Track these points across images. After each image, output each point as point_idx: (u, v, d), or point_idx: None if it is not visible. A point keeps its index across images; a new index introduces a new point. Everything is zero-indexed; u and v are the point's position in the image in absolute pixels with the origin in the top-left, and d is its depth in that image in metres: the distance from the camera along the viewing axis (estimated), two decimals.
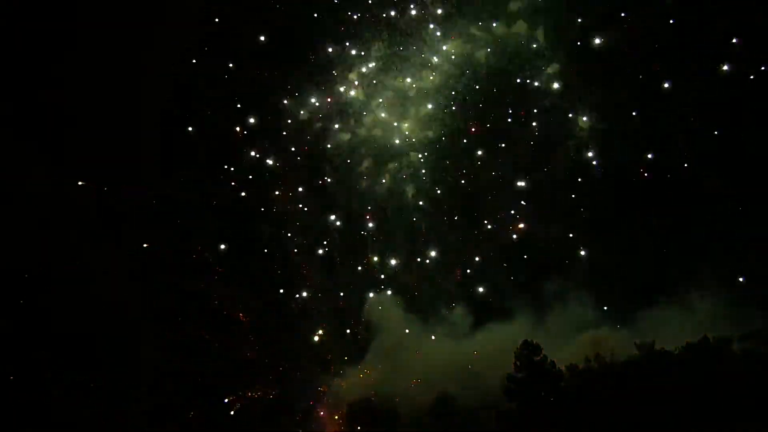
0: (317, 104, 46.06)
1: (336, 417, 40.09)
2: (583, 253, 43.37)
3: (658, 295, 39.65)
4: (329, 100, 46.07)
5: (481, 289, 43.99)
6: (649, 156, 43.26)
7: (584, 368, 32.89)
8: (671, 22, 43.04)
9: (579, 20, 44.31)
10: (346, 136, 45.97)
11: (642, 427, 29.35)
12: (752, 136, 40.85)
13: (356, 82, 46.17)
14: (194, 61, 45.30)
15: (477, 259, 44.82)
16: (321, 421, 40.40)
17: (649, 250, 42.17)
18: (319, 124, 46.07)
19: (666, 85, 43.20)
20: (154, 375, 39.20)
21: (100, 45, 42.21)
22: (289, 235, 45.09)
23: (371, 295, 44.04)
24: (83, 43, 42.25)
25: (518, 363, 32.36)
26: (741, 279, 39.70)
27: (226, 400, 40.47)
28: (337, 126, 46.04)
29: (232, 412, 40.19)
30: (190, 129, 45.00)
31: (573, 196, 44.23)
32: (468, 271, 44.80)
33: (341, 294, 44.75)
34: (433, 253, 45.04)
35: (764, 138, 40.52)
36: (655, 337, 33.29)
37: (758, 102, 41.05)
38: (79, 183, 42.22)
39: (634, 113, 43.54)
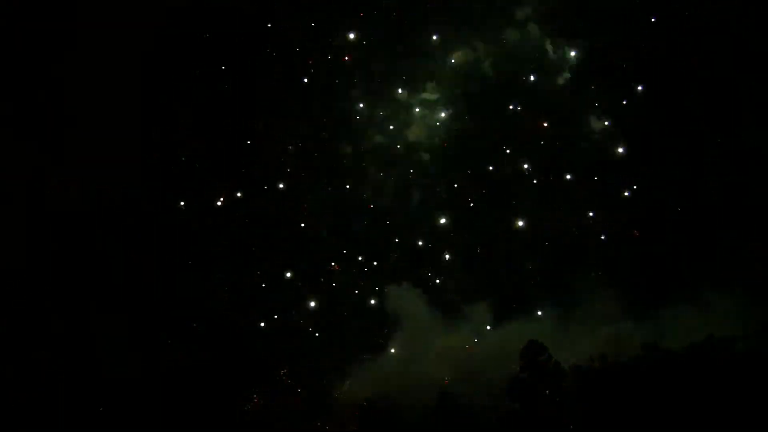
0: (320, 115, 46.09)
1: (350, 415, 39.72)
2: (598, 251, 43.12)
3: (674, 294, 38.94)
4: (332, 110, 46.18)
5: (498, 286, 43.48)
6: (661, 155, 43.06)
7: (587, 368, 32.92)
8: (682, 23, 43.07)
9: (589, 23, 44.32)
10: (350, 147, 46.10)
11: (643, 427, 29.33)
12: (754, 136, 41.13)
13: (358, 91, 46.16)
14: (194, 63, 45.24)
15: (492, 257, 44.40)
16: (335, 420, 40.05)
17: (665, 248, 41.91)
18: (323, 134, 46.23)
19: (677, 85, 43.02)
20: (154, 375, 39.13)
21: (100, 45, 42.27)
22: (303, 235, 44.95)
23: (389, 289, 43.19)
24: (83, 43, 42.32)
25: (522, 363, 32.44)
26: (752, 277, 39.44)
27: (248, 407, 40.31)
28: (340, 136, 46.10)
29: (242, 414, 39.97)
30: (189, 131, 44.96)
31: (588, 195, 43.99)
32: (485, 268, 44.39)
33: (356, 292, 44.41)
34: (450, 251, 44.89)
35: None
36: (669, 335, 33.12)
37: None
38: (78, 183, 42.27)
39: (644, 112, 43.34)
